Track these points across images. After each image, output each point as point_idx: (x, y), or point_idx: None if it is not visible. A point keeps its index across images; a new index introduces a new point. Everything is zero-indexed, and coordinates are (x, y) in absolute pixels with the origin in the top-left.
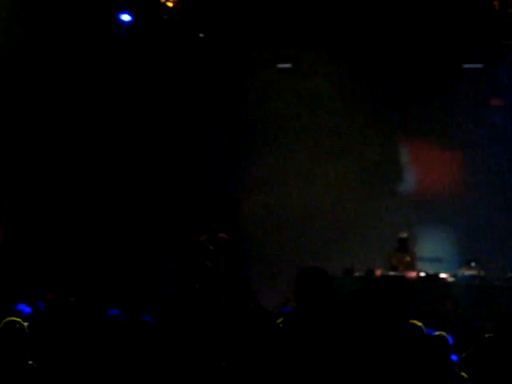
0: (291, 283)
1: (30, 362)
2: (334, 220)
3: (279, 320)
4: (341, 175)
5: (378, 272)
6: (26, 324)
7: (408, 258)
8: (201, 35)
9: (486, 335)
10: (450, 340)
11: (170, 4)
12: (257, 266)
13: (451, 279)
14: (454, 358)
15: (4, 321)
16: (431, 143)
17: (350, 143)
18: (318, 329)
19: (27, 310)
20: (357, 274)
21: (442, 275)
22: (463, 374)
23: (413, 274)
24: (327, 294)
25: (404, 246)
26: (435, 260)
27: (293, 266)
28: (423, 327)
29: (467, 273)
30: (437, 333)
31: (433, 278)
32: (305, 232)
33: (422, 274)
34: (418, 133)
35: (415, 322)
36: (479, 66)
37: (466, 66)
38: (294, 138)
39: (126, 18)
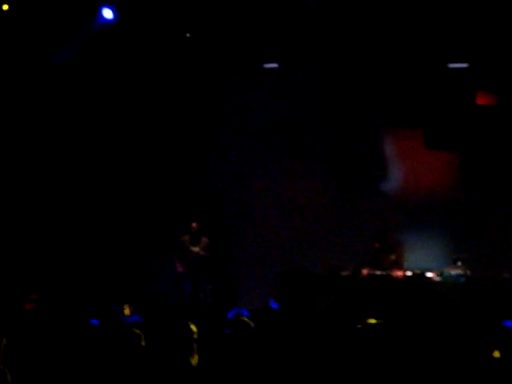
0: (276, 282)
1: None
2: (321, 219)
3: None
4: (327, 174)
5: (365, 271)
6: None
7: (393, 257)
8: (187, 35)
9: None
10: None
11: None
12: (242, 265)
13: (437, 278)
14: None
15: None
16: (417, 143)
17: (336, 143)
18: (300, 328)
19: None
20: (343, 273)
21: (429, 274)
22: None
23: (399, 274)
24: (311, 294)
25: (389, 246)
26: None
27: (278, 266)
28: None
29: (454, 272)
30: None
31: (419, 277)
32: (291, 231)
33: (409, 273)
34: (404, 133)
35: None
36: (464, 65)
37: (452, 65)
38: (279, 138)
39: (108, 14)
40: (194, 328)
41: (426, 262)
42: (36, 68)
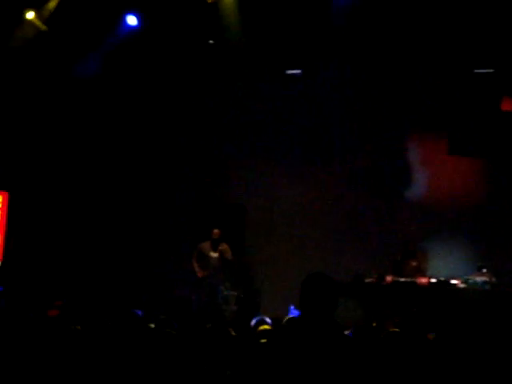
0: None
1: None
2: (344, 226)
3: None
4: (351, 181)
5: (389, 278)
6: None
7: (414, 263)
8: (210, 42)
9: None
10: None
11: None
12: (266, 272)
13: (462, 285)
14: None
15: None
16: (442, 149)
17: (360, 149)
18: (321, 336)
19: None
20: (367, 280)
21: (453, 281)
22: None
23: (423, 280)
24: (332, 301)
25: (410, 252)
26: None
27: (301, 273)
28: None
29: (479, 279)
30: None
31: (443, 284)
32: (314, 238)
33: (433, 280)
34: (429, 139)
35: None
36: (490, 70)
37: (478, 71)
38: (302, 144)
39: (132, 21)
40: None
41: (450, 270)
42: (61, 79)
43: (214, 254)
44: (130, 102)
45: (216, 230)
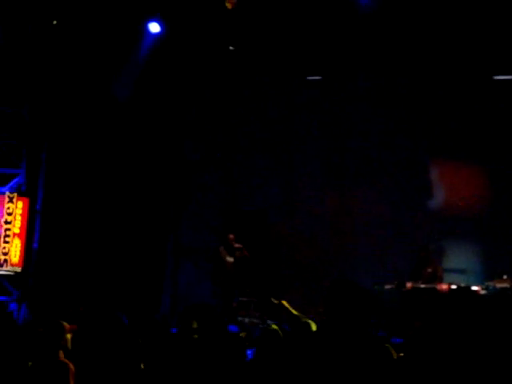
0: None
1: None
2: (365, 233)
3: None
4: (369, 190)
5: (409, 284)
6: None
7: (430, 270)
8: (231, 48)
9: None
10: None
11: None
12: (290, 279)
13: (483, 292)
14: None
15: None
16: (460, 157)
17: (378, 159)
18: (347, 342)
19: None
20: (387, 286)
21: (474, 288)
22: None
23: (444, 287)
24: (358, 306)
25: (424, 258)
26: (460, 272)
27: (324, 279)
28: None
29: (499, 285)
30: None
31: (464, 290)
32: (335, 245)
33: (453, 287)
34: (447, 147)
35: None
36: (510, 77)
37: (497, 77)
38: (323, 151)
39: (155, 28)
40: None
41: (469, 276)
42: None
43: (230, 259)
44: (146, 107)
45: (231, 235)
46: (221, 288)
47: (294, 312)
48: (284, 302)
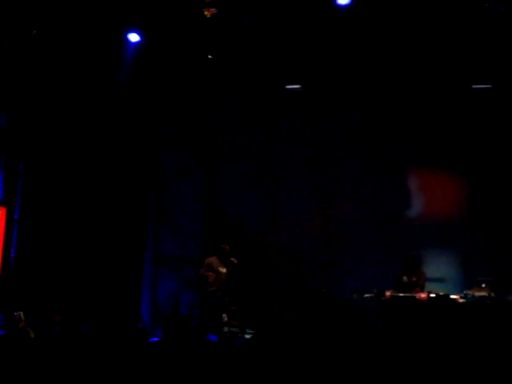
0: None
1: None
2: (345, 243)
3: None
4: (350, 200)
5: (388, 293)
6: None
7: (414, 279)
8: (209, 56)
9: None
10: None
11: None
12: (267, 289)
13: (461, 300)
14: None
15: None
16: (439, 166)
17: (357, 168)
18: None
19: None
20: (367, 295)
21: (452, 296)
22: None
23: (423, 295)
24: (325, 314)
25: (409, 267)
26: (438, 281)
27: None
28: None
29: (477, 294)
30: None
31: (443, 298)
32: (315, 255)
33: (432, 295)
34: (425, 156)
35: None
36: (488, 86)
37: (476, 86)
38: (304, 163)
39: (134, 38)
40: None
41: (448, 284)
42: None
43: (223, 270)
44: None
45: (227, 246)
46: (214, 298)
47: None
48: None
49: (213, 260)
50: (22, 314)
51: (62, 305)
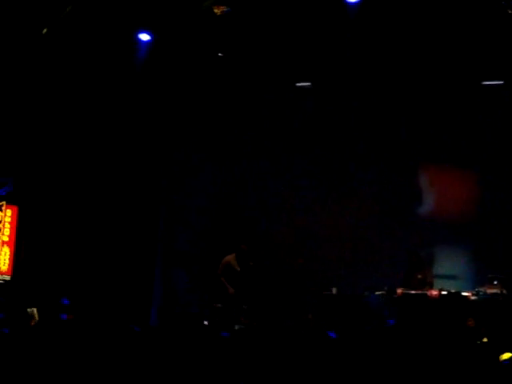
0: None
1: None
2: (356, 241)
3: None
4: (362, 197)
5: (399, 290)
6: None
7: (420, 276)
8: (220, 54)
9: None
10: None
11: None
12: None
13: (473, 297)
14: None
15: None
16: (450, 163)
17: (369, 166)
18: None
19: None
20: (378, 292)
21: (464, 293)
22: None
23: (434, 293)
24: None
25: (415, 264)
26: (450, 278)
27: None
28: None
29: (489, 291)
30: None
31: (454, 296)
32: (327, 253)
33: (444, 293)
34: (436, 152)
35: None
36: (500, 82)
37: (486, 83)
38: (313, 161)
39: (144, 37)
40: None
41: (460, 282)
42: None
43: (238, 269)
44: (141, 115)
45: (245, 246)
46: (230, 297)
47: None
48: None
49: (230, 259)
50: (35, 310)
51: (73, 303)
